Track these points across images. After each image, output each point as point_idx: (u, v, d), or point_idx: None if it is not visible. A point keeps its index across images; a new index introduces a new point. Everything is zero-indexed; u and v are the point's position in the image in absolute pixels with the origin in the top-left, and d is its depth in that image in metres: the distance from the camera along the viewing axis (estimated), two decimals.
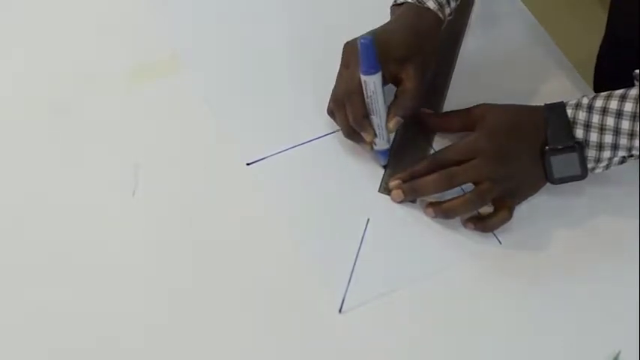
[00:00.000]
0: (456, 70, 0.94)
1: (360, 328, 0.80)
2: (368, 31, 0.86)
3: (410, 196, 0.86)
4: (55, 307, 0.80)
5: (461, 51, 0.96)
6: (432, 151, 0.89)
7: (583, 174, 0.84)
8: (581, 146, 0.83)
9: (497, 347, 0.80)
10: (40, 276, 0.82)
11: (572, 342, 0.80)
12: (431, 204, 0.85)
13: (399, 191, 0.86)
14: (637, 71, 0.83)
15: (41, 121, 0.89)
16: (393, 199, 0.86)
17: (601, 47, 1.06)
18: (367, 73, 0.83)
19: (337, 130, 0.89)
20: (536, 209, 0.86)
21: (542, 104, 0.85)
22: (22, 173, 0.87)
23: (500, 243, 0.84)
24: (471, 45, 0.96)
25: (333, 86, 0.88)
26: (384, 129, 0.86)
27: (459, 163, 0.84)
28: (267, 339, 0.79)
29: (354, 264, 0.82)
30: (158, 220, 0.85)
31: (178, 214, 0.85)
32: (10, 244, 0.83)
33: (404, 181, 0.86)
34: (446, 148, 0.86)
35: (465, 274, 0.83)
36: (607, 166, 0.84)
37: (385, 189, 0.87)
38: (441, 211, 0.84)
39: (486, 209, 0.84)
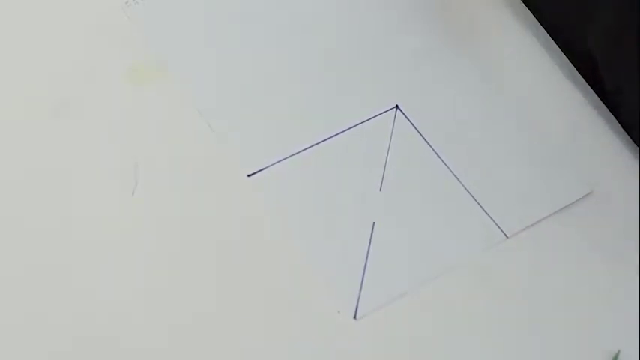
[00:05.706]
0: None
1: (378, 333, 0.81)
2: None
3: None
4: (54, 306, 0.79)
5: None
6: None
7: None
8: None
9: (496, 346, 0.82)
10: (38, 275, 0.79)
11: (571, 341, 0.82)
12: None
13: None
14: None
15: (40, 121, 0.85)
16: None
17: None
18: None
19: (337, 134, 0.86)
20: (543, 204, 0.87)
21: None
22: (20, 173, 0.83)
23: (506, 237, 0.85)
24: None
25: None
26: None
27: None
28: (287, 352, 0.79)
29: (364, 269, 0.82)
30: (158, 220, 0.83)
31: (179, 214, 0.83)
32: (7, 244, 0.80)
33: None
34: None
35: (471, 270, 0.83)
36: None
37: None
38: None
39: None
